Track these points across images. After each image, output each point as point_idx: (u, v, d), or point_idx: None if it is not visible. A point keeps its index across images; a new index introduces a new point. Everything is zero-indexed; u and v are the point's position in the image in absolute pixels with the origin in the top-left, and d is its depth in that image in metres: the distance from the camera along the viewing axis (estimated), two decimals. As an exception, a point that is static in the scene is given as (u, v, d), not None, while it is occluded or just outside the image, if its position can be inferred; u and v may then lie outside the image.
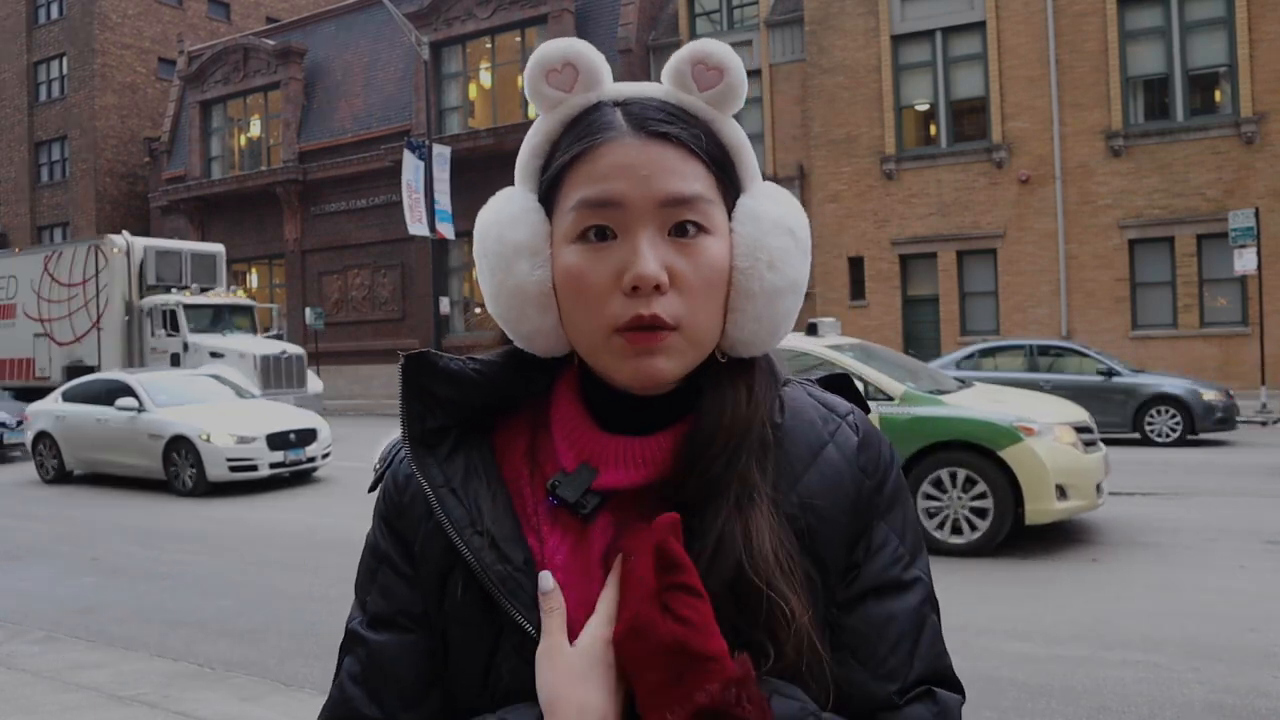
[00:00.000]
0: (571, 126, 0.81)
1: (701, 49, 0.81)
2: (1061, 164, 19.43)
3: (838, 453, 0.84)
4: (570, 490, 0.80)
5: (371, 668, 0.82)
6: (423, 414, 0.84)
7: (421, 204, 21.92)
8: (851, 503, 0.83)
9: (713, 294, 0.78)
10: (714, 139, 0.81)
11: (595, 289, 0.77)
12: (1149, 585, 5.72)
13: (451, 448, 0.83)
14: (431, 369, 0.84)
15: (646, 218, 0.76)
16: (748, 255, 0.79)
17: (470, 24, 26.23)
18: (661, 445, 0.81)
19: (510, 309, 0.81)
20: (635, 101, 0.81)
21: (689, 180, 0.78)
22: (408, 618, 0.83)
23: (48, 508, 10.43)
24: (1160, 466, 10.48)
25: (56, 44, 36.71)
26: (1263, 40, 17.87)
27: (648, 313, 0.75)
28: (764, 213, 0.81)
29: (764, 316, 0.81)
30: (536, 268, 0.80)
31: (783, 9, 22.57)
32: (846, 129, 21.33)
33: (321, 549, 7.49)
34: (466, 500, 0.81)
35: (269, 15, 39.85)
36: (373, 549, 0.87)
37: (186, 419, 11.08)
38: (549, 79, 0.81)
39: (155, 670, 4.68)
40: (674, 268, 0.76)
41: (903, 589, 0.83)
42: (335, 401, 27.13)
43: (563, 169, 0.80)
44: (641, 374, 0.77)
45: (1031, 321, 19.69)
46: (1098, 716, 3.84)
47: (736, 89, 0.81)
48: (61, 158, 36.95)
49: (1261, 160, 17.90)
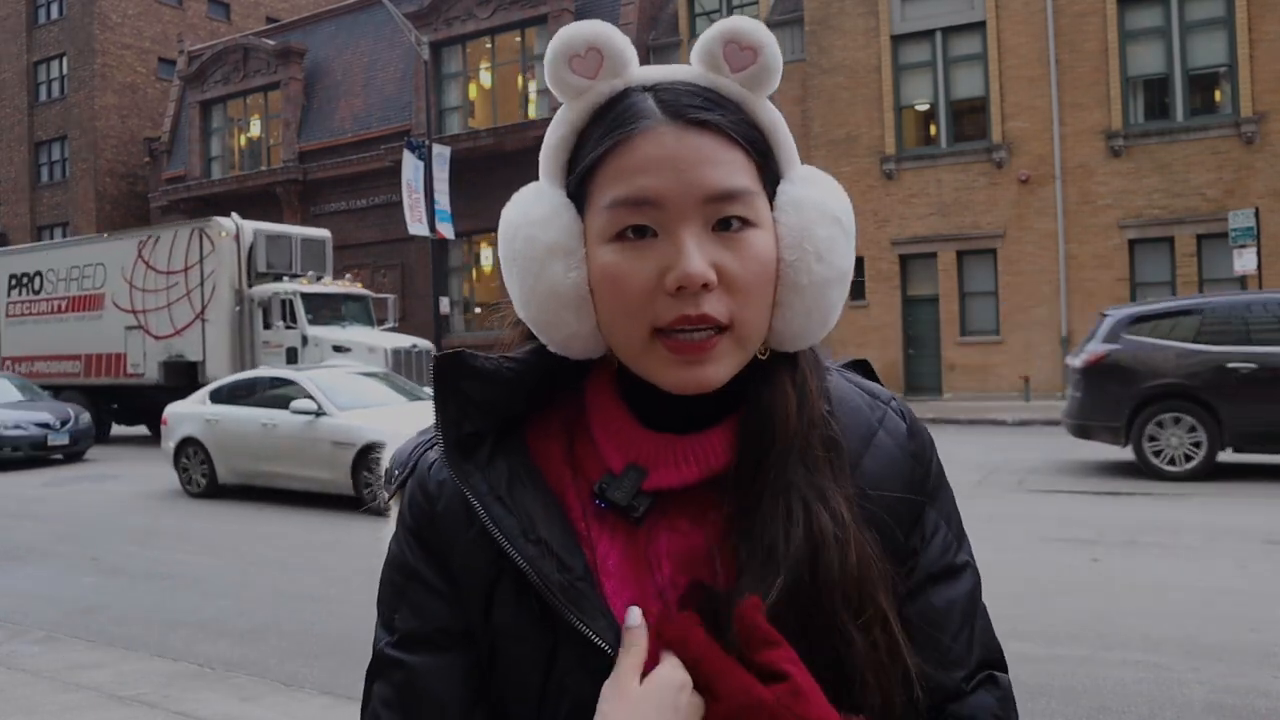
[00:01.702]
0: (600, 116, 0.76)
1: (733, 26, 0.76)
2: (1061, 164, 19.43)
3: (889, 439, 0.83)
4: (620, 493, 0.76)
5: (408, 692, 0.76)
6: (459, 419, 0.78)
7: (421, 204, 21.93)
8: (906, 487, 0.81)
9: (761, 290, 0.75)
10: (751, 123, 0.77)
11: (637, 290, 0.72)
12: (1149, 585, 5.72)
13: (490, 453, 0.78)
14: (468, 370, 0.78)
15: (689, 214, 0.72)
16: (795, 247, 0.76)
17: (470, 24, 26.23)
18: (711, 442, 0.78)
19: (544, 313, 0.76)
20: (666, 86, 0.76)
21: (732, 172, 0.73)
22: (445, 635, 0.77)
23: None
24: None
25: (56, 44, 36.72)
26: (1263, 40, 17.87)
27: (695, 312, 0.71)
28: (808, 200, 0.77)
29: (814, 309, 0.77)
30: (571, 269, 0.74)
31: (783, 9, 22.57)
32: (846, 129, 21.32)
33: (321, 549, 7.50)
34: (515, 509, 0.76)
35: (269, 15, 39.85)
36: (399, 565, 0.80)
37: (377, 424, 9.21)
38: (573, 65, 0.76)
39: (155, 670, 4.68)
40: (721, 264, 0.72)
41: (957, 574, 0.83)
42: (335, 401, 27.12)
43: (595, 163, 0.75)
44: (688, 382, 0.73)
45: (1032, 321, 19.69)
46: (1098, 716, 3.84)
47: (772, 68, 0.77)
48: (61, 158, 36.95)
49: (1261, 160, 17.90)
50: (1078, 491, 9.00)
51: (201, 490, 10.69)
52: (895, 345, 21.02)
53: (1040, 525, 7.49)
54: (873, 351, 21.06)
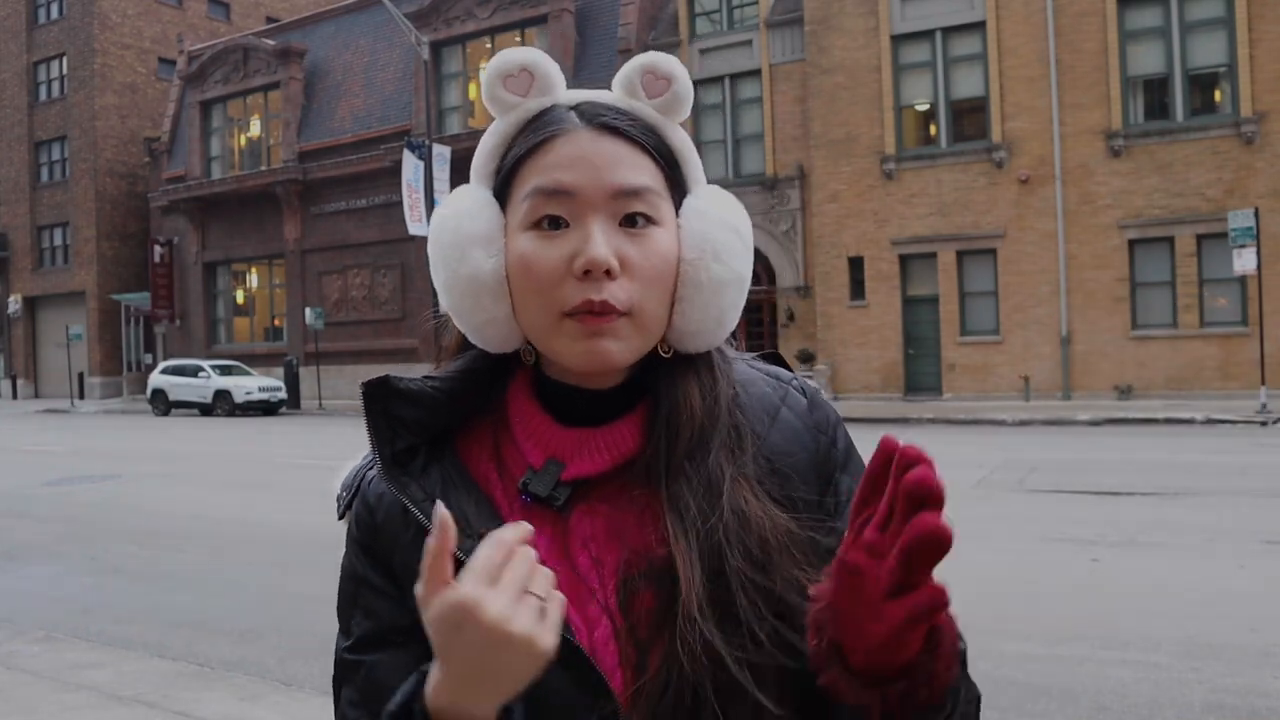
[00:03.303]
0: (526, 126, 0.84)
1: (650, 60, 0.85)
2: (1061, 164, 19.43)
3: (791, 413, 0.90)
4: (541, 485, 0.82)
5: (368, 689, 0.82)
6: (391, 437, 0.85)
7: (421, 204, 21.94)
8: (812, 456, 0.88)
9: (661, 282, 0.81)
10: (662, 141, 0.85)
11: (547, 274, 0.79)
12: (1149, 585, 5.72)
13: (424, 464, 0.85)
14: (394, 393, 0.85)
15: (598, 206, 0.79)
16: (695, 247, 0.83)
17: (470, 24, 26.23)
18: (620, 432, 0.84)
19: (465, 298, 0.83)
20: (588, 103, 0.84)
21: (639, 173, 0.81)
22: (396, 632, 0.83)
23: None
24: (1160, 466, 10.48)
25: (56, 44, 36.72)
26: (1263, 40, 17.87)
27: (598, 298, 0.78)
28: (709, 210, 0.85)
29: (710, 306, 0.84)
30: (490, 256, 0.82)
31: (783, 9, 22.57)
32: (846, 129, 21.32)
33: (321, 549, 7.50)
34: (452, 508, 0.79)
35: (269, 15, 39.85)
36: (350, 575, 0.88)
37: None
38: (506, 84, 0.84)
39: (155, 670, 4.68)
40: (625, 254, 0.79)
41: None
42: (335, 402, 27.12)
43: (517, 161, 0.83)
44: (592, 356, 0.80)
45: (1031, 321, 19.70)
46: (1098, 716, 3.84)
47: (683, 97, 0.85)
48: (61, 158, 36.95)
49: (1261, 160, 17.90)
50: (1078, 491, 9.00)
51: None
52: (895, 345, 21.02)
53: (1040, 525, 7.49)
54: (872, 351, 21.08)
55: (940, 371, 20.62)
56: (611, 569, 0.81)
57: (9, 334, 38.68)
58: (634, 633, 0.79)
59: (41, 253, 37.77)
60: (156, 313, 32.53)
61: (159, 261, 32.22)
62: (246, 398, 24.66)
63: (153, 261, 32.25)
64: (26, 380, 37.91)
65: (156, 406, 26.36)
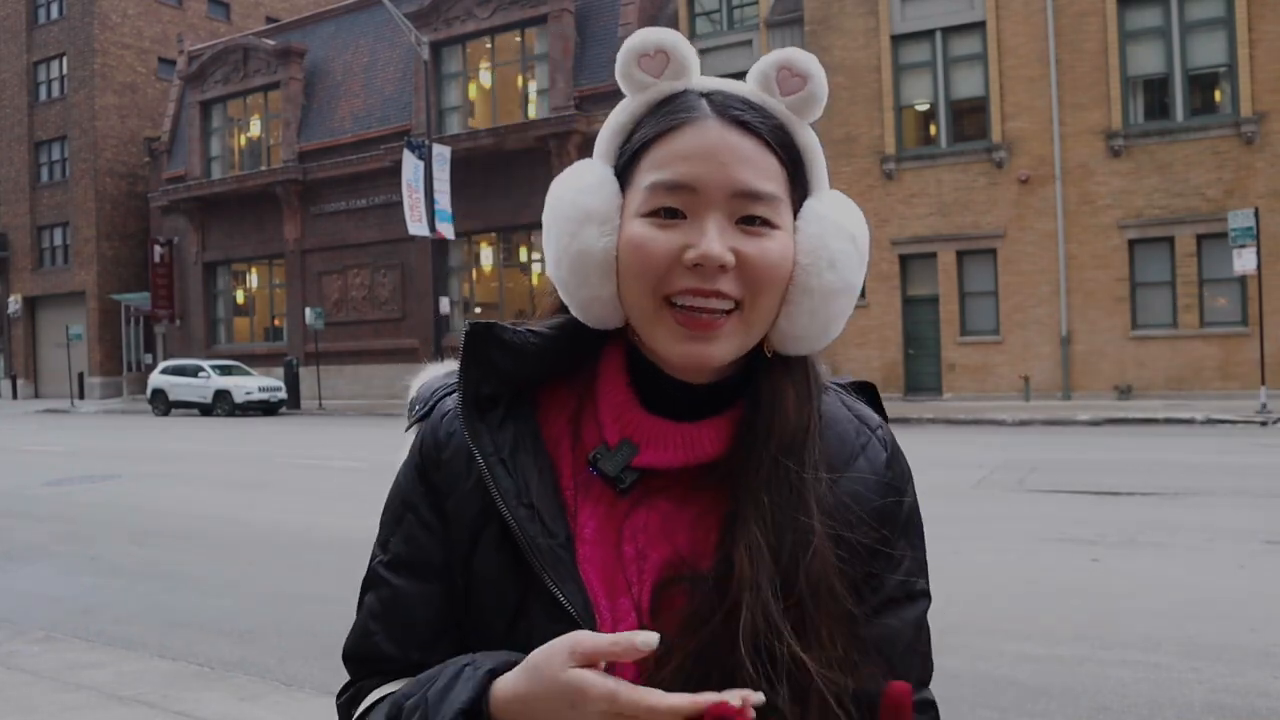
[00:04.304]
0: (657, 108, 0.84)
1: (789, 56, 0.84)
2: (1061, 164, 19.43)
3: (867, 465, 0.88)
4: (610, 464, 0.82)
5: (392, 608, 0.85)
6: (479, 381, 0.85)
7: (421, 204, 21.94)
8: (876, 514, 0.86)
9: (774, 283, 0.80)
10: (789, 139, 0.84)
11: (658, 260, 0.78)
12: (1149, 585, 5.72)
13: (502, 417, 0.85)
14: (496, 340, 0.85)
15: (718, 204, 0.79)
16: (810, 253, 0.82)
17: (470, 24, 26.23)
18: (704, 432, 0.83)
19: (573, 273, 0.82)
20: (721, 92, 0.83)
21: (764, 176, 0.80)
22: (428, 567, 0.85)
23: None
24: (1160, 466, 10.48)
25: (56, 44, 36.72)
26: (1263, 40, 17.87)
27: (710, 287, 0.77)
28: (829, 216, 0.84)
29: (819, 313, 0.83)
30: (604, 235, 0.81)
31: (783, 9, 22.57)
32: (846, 129, 21.32)
33: (321, 549, 7.50)
34: (515, 472, 0.83)
35: (269, 15, 39.86)
36: (401, 494, 0.89)
37: None
38: (641, 63, 0.84)
39: (155, 670, 4.68)
40: (740, 251, 0.78)
41: (915, 600, 0.88)
42: (335, 402, 27.13)
43: (644, 144, 0.82)
44: (691, 356, 0.79)
45: (1031, 321, 19.70)
46: (1098, 716, 3.84)
47: (818, 96, 0.85)
48: (61, 158, 36.96)
49: (1261, 160, 17.90)
50: (1078, 491, 9.00)
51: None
52: (895, 345, 21.03)
53: (1040, 525, 7.49)
54: (872, 351, 21.07)
55: (940, 371, 20.62)
56: (654, 565, 0.81)
57: (9, 334, 38.68)
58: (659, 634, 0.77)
59: (41, 253, 37.77)
60: (156, 313, 32.54)
61: (159, 261, 32.22)
62: (246, 398, 24.67)
63: (153, 261, 32.26)
64: (26, 380, 37.91)
65: (156, 406, 26.36)
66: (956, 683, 4.08)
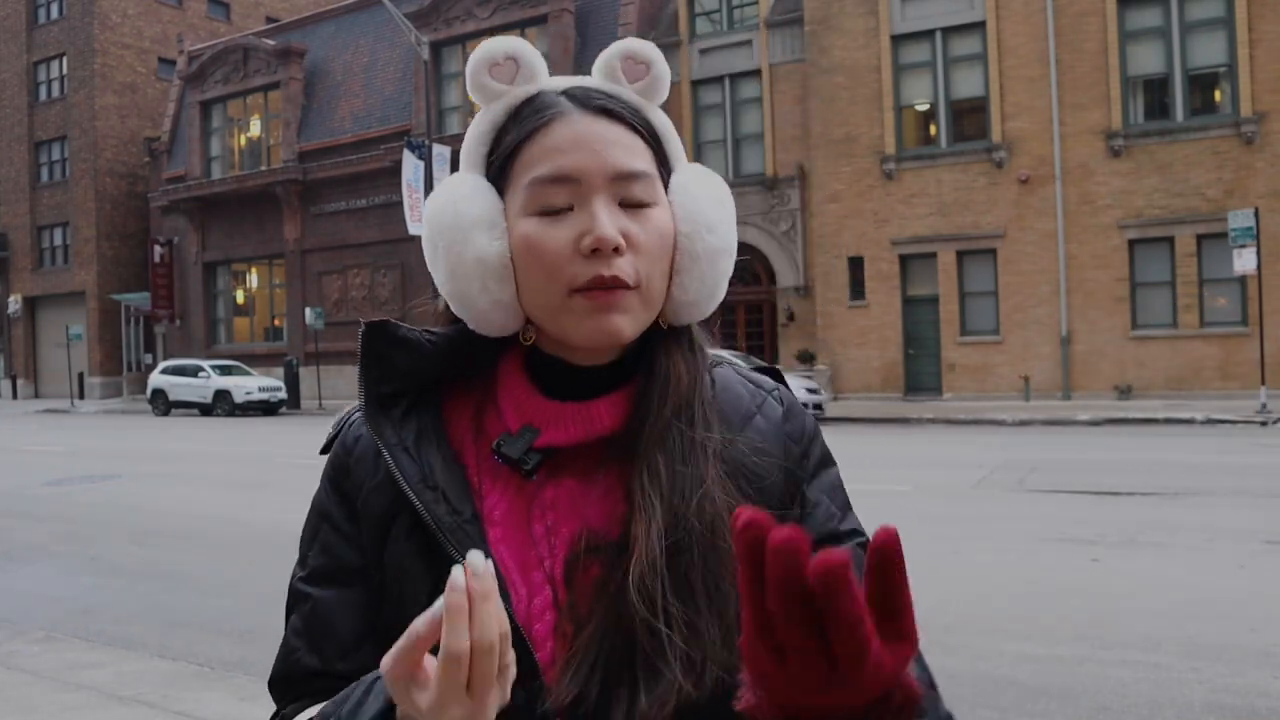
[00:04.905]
0: (517, 112, 0.86)
1: (628, 46, 0.88)
2: (1061, 164, 19.43)
3: (764, 421, 0.91)
4: (514, 448, 0.85)
5: (313, 620, 0.87)
6: (379, 379, 0.88)
7: (421, 204, 21.85)
8: (779, 466, 0.89)
9: (663, 257, 0.84)
10: (647, 121, 0.88)
11: (555, 254, 0.81)
12: (1149, 585, 5.71)
13: (405, 411, 0.88)
14: (390, 337, 0.87)
15: (600, 188, 0.82)
16: (689, 220, 0.86)
17: (470, 24, 26.23)
18: (599, 408, 0.86)
19: (471, 282, 0.84)
20: (575, 88, 0.87)
21: (636, 156, 0.84)
22: (346, 573, 0.86)
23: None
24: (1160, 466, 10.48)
25: (56, 44, 36.72)
26: (1263, 40, 17.87)
27: (609, 273, 0.80)
28: (695, 184, 0.88)
29: (707, 277, 0.87)
30: (495, 239, 0.83)
31: (783, 9, 22.57)
32: (846, 129, 21.32)
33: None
34: (419, 459, 0.85)
35: (269, 15, 39.85)
36: (317, 508, 0.91)
37: None
38: (491, 72, 0.86)
39: (155, 670, 4.68)
40: (628, 232, 0.82)
41: (839, 540, 0.89)
42: (335, 402, 27.13)
43: (514, 147, 0.84)
44: (601, 331, 0.82)
45: (1031, 321, 19.70)
46: (1098, 716, 3.84)
47: (662, 80, 0.89)
48: (61, 158, 36.95)
49: (1261, 160, 17.90)
50: (1078, 491, 9.00)
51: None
52: (895, 345, 21.02)
53: (1040, 525, 7.49)
54: (872, 351, 21.08)
55: (940, 371, 20.62)
56: (565, 539, 0.83)
57: (9, 334, 38.68)
58: (574, 606, 0.80)
59: (41, 253, 37.77)
60: (156, 313, 32.54)
61: (159, 261, 32.22)
62: (246, 398, 24.66)
63: (153, 261, 32.25)
64: (26, 380, 37.91)
65: (156, 406, 26.35)
66: (956, 683, 4.08)
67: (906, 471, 10.12)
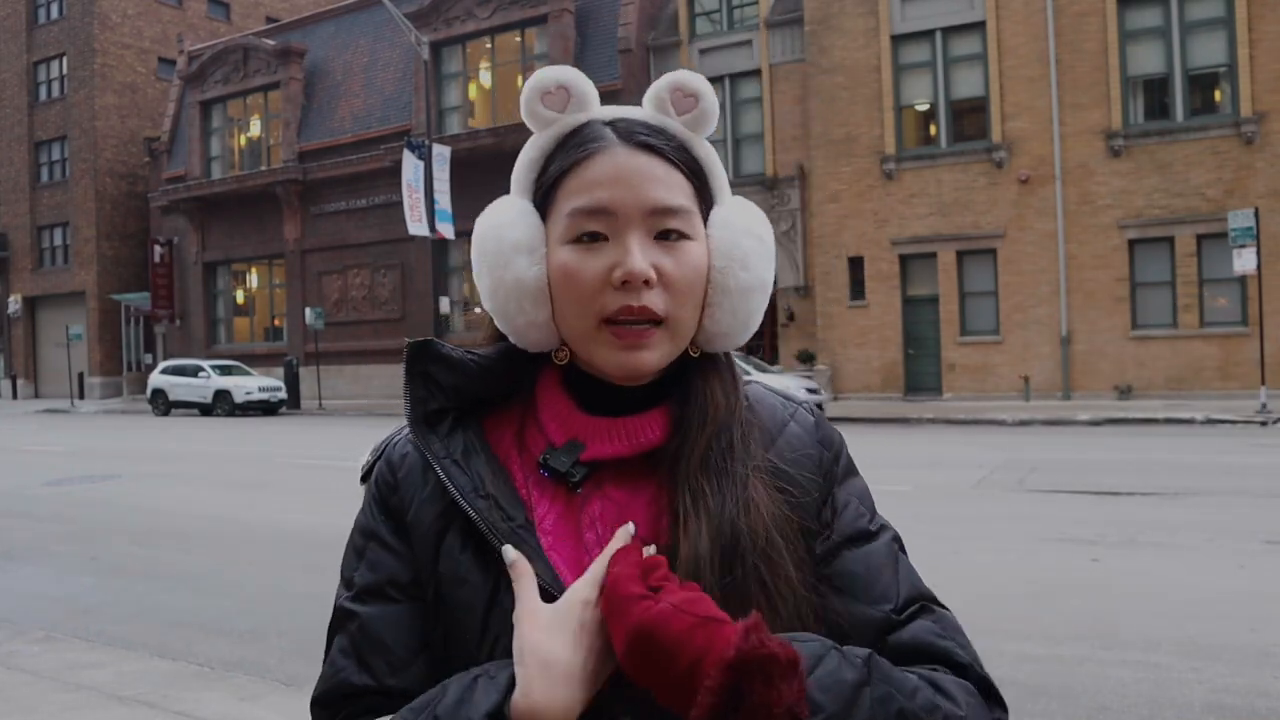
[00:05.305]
0: (565, 141, 0.89)
1: (679, 78, 0.91)
2: (1061, 164, 19.43)
3: (799, 428, 0.95)
4: (560, 462, 0.87)
5: (361, 638, 0.86)
6: (425, 398, 0.90)
7: (421, 204, 21.93)
8: (816, 468, 0.93)
9: (694, 292, 0.87)
10: (690, 155, 0.90)
11: (588, 283, 0.84)
12: (1149, 585, 5.72)
13: (450, 428, 0.90)
14: (434, 356, 0.90)
15: (635, 222, 0.84)
16: (723, 256, 0.89)
17: (470, 24, 26.23)
18: (643, 423, 0.89)
19: (509, 302, 0.88)
20: (622, 120, 0.89)
21: (674, 191, 0.86)
22: (395, 587, 0.87)
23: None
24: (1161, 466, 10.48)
25: (56, 44, 36.72)
26: (1263, 40, 17.87)
27: (637, 304, 0.83)
28: (735, 220, 0.91)
29: (739, 311, 0.90)
30: (534, 264, 0.87)
31: (783, 9, 22.57)
32: (846, 129, 21.32)
33: (321, 548, 7.49)
34: (469, 470, 0.87)
35: (269, 15, 39.86)
36: (361, 529, 0.92)
37: None
38: (544, 100, 0.90)
39: (155, 670, 4.68)
40: (660, 266, 0.84)
41: (871, 537, 0.92)
42: (335, 401, 27.14)
43: (559, 176, 0.88)
44: (627, 365, 0.85)
45: (1031, 321, 19.70)
46: (1098, 716, 3.84)
47: (710, 113, 0.91)
48: (61, 158, 36.96)
49: (1261, 160, 17.91)
50: (1078, 491, 9.00)
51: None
52: (895, 345, 21.03)
53: (1040, 525, 7.49)
54: (872, 351, 21.08)
55: (940, 371, 20.62)
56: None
57: (9, 334, 38.68)
58: None
59: (41, 253, 37.77)
60: (156, 313, 32.54)
61: (159, 261, 32.22)
62: (246, 398, 24.66)
63: (153, 261, 32.26)
64: (26, 380, 37.91)
65: (156, 406, 26.36)
66: (956, 683, 4.08)
67: (906, 471, 10.12)
